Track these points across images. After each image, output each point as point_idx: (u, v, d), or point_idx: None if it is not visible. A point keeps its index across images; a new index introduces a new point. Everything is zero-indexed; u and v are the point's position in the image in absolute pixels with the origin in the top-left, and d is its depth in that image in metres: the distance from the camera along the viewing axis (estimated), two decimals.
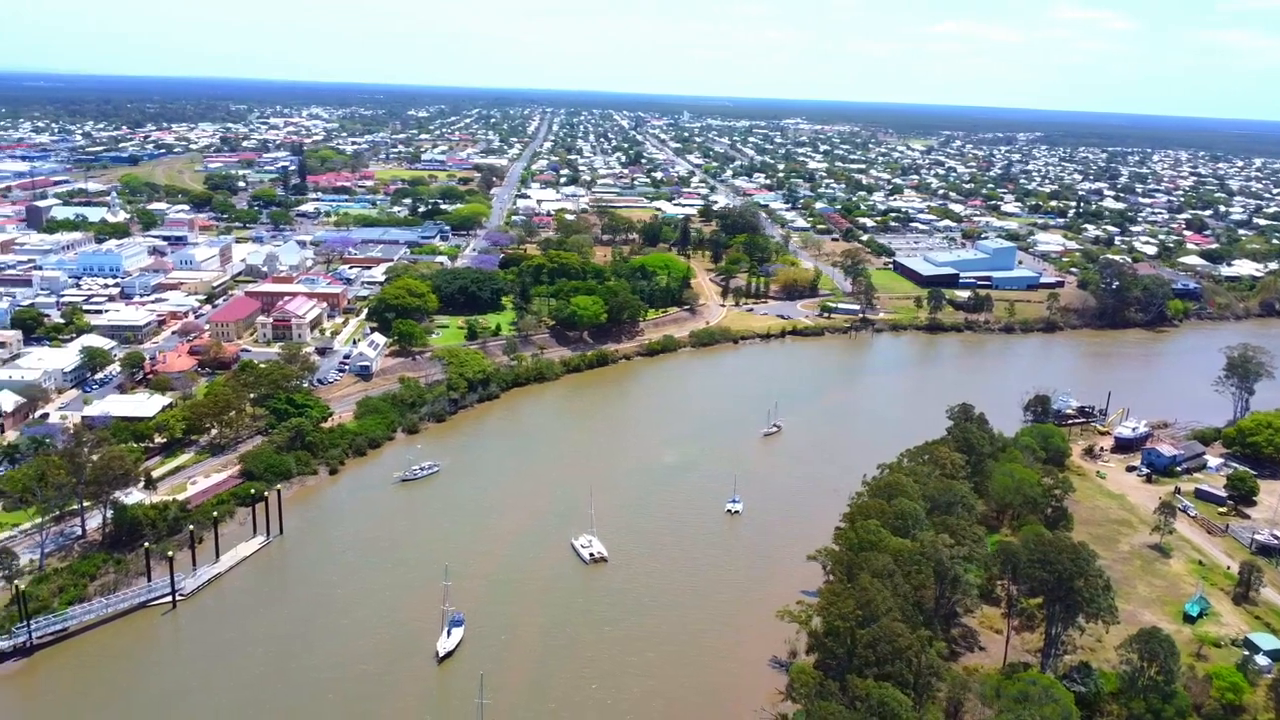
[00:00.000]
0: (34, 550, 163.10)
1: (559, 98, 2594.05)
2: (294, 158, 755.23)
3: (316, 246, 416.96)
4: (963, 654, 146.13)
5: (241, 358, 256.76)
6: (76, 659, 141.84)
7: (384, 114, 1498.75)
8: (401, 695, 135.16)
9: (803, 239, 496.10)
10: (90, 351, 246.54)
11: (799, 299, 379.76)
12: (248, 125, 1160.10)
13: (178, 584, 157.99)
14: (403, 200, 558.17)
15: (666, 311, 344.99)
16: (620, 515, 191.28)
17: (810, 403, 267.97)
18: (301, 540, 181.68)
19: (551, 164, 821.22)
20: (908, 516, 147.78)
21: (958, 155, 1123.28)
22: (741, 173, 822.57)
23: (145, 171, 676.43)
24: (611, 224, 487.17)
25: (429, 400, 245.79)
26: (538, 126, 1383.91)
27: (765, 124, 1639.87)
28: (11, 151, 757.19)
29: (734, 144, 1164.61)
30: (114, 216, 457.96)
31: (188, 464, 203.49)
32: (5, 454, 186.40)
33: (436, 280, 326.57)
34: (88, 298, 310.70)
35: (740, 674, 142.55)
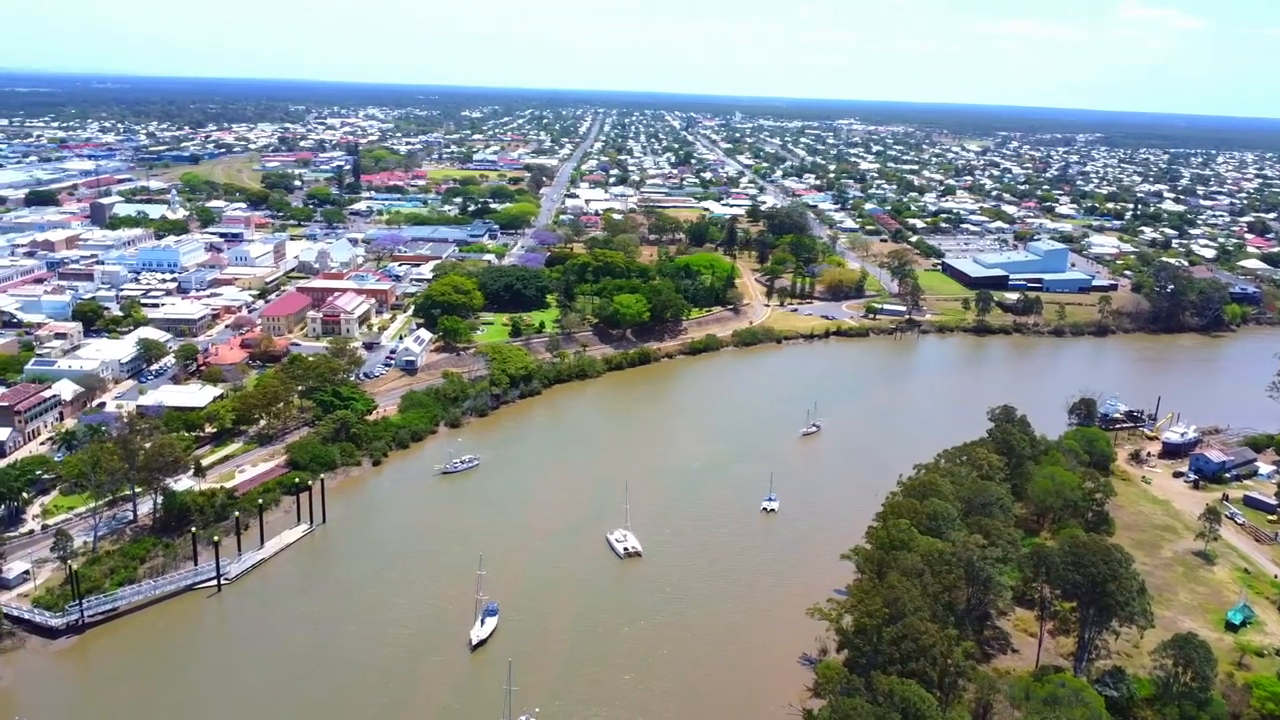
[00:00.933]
0: (88, 533, 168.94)
1: (611, 98, 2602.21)
2: (349, 157, 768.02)
3: (368, 244, 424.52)
4: (995, 656, 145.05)
5: (291, 351, 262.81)
6: (125, 637, 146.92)
7: (438, 115, 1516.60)
8: (434, 681, 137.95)
9: (850, 240, 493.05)
10: (146, 343, 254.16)
11: (844, 300, 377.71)
12: (305, 126, 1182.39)
13: (223, 568, 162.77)
14: (453, 199, 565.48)
15: (710, 311, 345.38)
16: (656, 511, 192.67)
17: (851, 403, 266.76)
18: (343, 529, 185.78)
19: (601, 164, 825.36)
20: (940, 516, 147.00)
21: (1014, 156, 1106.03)
22: (791, 173, 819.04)
23: (205, 170, 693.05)
24: (658, 224, 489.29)
25: (471, 395, 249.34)
26: (589, 127, 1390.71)
27: (818, 125, 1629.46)
28: (79, 151, 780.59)
29: (785, 144, 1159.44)
30: (174, 214, 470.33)
31: (236, 453, 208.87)
32: (63, 440, 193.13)
33: (483, 278, 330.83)
34: (146, 292, 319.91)
35: (769, 669, 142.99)
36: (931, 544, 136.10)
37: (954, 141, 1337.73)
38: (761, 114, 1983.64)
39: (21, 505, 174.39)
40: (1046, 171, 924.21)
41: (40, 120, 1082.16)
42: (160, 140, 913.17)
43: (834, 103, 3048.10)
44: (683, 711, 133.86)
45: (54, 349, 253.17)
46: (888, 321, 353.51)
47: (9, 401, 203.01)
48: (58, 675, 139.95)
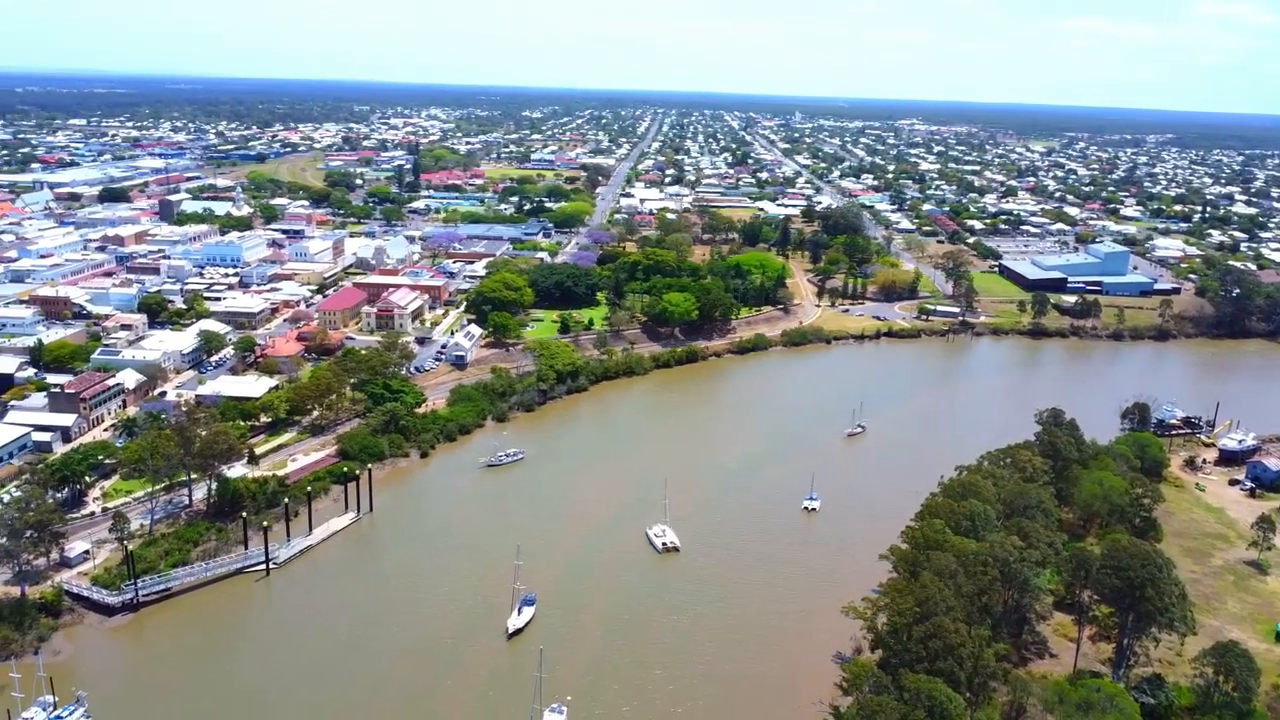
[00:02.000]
0: (145, 516, 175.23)
1: (671, 99, 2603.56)
2: (409, 157, 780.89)
3: (424, 241, 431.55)
4: (1032, 660, 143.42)
5: (345, 345, 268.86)
6: (177, 616, 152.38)
7: (499, 115, 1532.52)
8: (470, 667, 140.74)
9: (906, 241, 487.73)
10: (207, 335, 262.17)
11: (897, 300, 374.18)
12: (369, 126, 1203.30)
13: (272, 553, 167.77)
14: (510, 198, 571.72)
15: (760, 310, 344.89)
16: (696, 508, 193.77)
17: (899, 405, 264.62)
18: (389, 518, 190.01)
19: (658, 164, 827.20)
20: (977, 517, 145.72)
21: (1080, 157, 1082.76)
22: (849, 173, 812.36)
23: (270, 169, 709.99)
24: (712, 223, 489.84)
25: (519, 390, 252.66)
26: (647, 127, 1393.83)
27: (879, 125, 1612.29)
28: (151, 149, 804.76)
29: (844, 145, 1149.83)
30: (238, 210, 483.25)
31: (289, 442, 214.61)
32: (124, 427, 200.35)
33: (533, 275, 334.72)
34: (209, 286, 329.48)
35: (803, 666, 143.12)
36: (966, 544, 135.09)
37: (1018, 142, 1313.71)
38: (822, 114, 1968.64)
39: (84, 488, 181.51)
40: (1113, 173, 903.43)
41: (116, 120, 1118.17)
42: (229, 139, 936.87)
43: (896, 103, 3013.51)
44: (713, 705, 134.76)
45: (120, 340, 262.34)
46: (940, 323, 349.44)
47: (75, 389, 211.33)
48: (113, 650, 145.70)
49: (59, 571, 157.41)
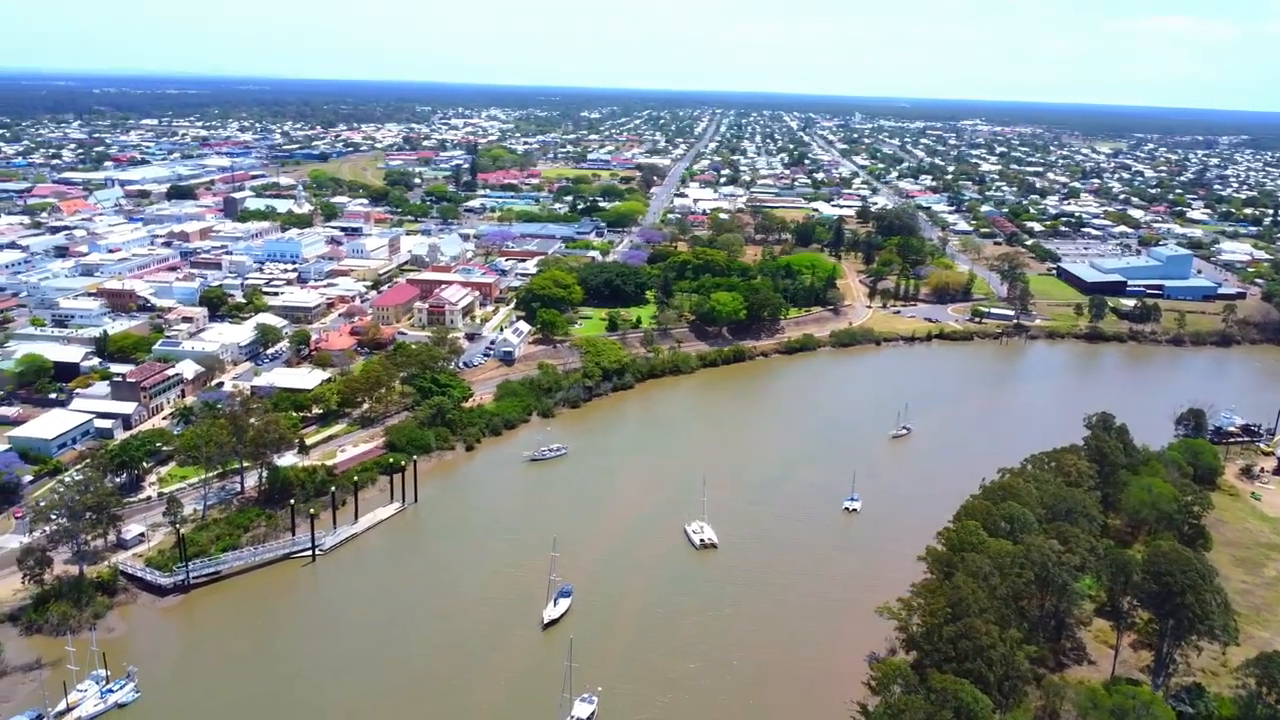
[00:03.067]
0: (199, 502, 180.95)
1: (730, 99, 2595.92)
2: (467, 156, 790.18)
3: (478, 239, 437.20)
4: (1070, 665, 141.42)
5: (397, 339, 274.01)
6: (225, 598, 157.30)
7: (558, 115, 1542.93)
8: (505, 656, 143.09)
9: (963, 242, 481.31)
10: (263, 329, 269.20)
11: (950, 303, 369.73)
12: (430, 126, 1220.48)
13: (318, 540, 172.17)
14: (564, 198, 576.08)
15: (809, 311, 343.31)
16: (736, 505, 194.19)
17: (947, 407, 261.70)
18: (433, 509, 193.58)
19: (713, 164, 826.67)
20: (1015, 520, 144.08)
21: (1147, 159, 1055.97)
22: (907, 174, 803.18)
23: (332, 168, 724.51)
24: (765, 223, 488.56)
25: (565, 386, 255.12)
26: (705, 128, 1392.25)
27: (940, 125, 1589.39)
28: (219, 148, 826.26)
29: (904, 145, 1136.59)
30: (299, 208, 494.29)
31: (339, 434, 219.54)
32: (182, 415, 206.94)
33: (583, 273, 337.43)
34: (268, 281, 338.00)
35: (836, 665, 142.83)
36: (1002, 546, 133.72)
37: (1084, 143, 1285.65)
38: (882, 115, 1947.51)
39: (142, 474, 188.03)
40: (1181, 175, 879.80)
41: (186, 120, 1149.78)
42: (293, 139, 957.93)
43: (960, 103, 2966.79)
44: (744, 700, 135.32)
45: (181, 332, 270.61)
46: (994, 326, 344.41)
47: (136, 378, 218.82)
48: (164, 629, 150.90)
49: (115, 552, 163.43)
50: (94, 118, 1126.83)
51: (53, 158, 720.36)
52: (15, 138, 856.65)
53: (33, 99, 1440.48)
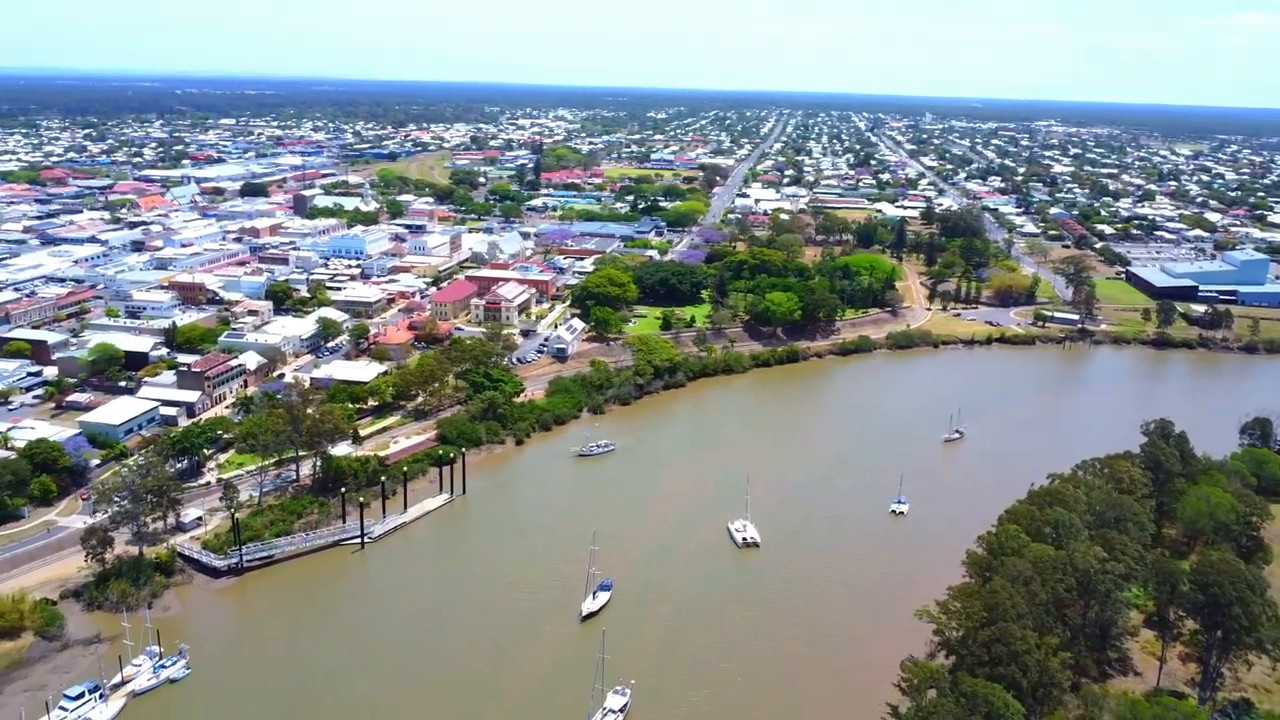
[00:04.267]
0: (255, 488, 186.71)
1: (797, 99, 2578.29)
2: (532, 156, 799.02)
3: (538, 237, 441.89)
4: (1114, 676, 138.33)
5: (454, 335, 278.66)
6: (276, 581, 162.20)
7: (625, 115, 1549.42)
8: (542, 646, 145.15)
9: (1029, 245, 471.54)
10: (324, 322, 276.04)
11: (1013, 306, 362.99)
12: (497, 126, 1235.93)
13: (367, 528, 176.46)
14: (625, 197, 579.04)
15: (866, 312, 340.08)
16: (780, 505, 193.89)
17: (1003, 412, 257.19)
18: (481, 501, 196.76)
19: (777, 164, 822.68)
20: (1060, 525, 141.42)
21: (1229, 161, 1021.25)
22: (975, 175, 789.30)
23: (400, 167, 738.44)
24: (826, 224, 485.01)
25: (615, 384, 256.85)
26: (771, 128, 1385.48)
27: (1014, 126, 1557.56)
28: (292, 148, 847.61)
29: (974, 146, 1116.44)
30: (366, 206, 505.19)
31: (393, 426, 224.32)
32: (242, 404, 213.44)
33: (639, 272, 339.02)
34: (332, 276, 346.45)
35: (872, 667, 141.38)
36: (1043, 551, 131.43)
37: (1163, 144, 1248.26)
38: (954, 115, 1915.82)
39: (202, 460, 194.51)
40: (1265, 177, 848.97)
41: (262, 120, 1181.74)
42: (364, 139, 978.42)
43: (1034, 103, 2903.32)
44: (777, 698, 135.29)
45: (246, 324, 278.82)
46: (1057, 330, 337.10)
47: (200, 368, 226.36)
48: (217, 610, 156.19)
49: (174, 535, 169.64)
50: (175, 118, 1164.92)
51: (135, 156, 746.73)
52: (101, 136, 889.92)
53: (119, 100, 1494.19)
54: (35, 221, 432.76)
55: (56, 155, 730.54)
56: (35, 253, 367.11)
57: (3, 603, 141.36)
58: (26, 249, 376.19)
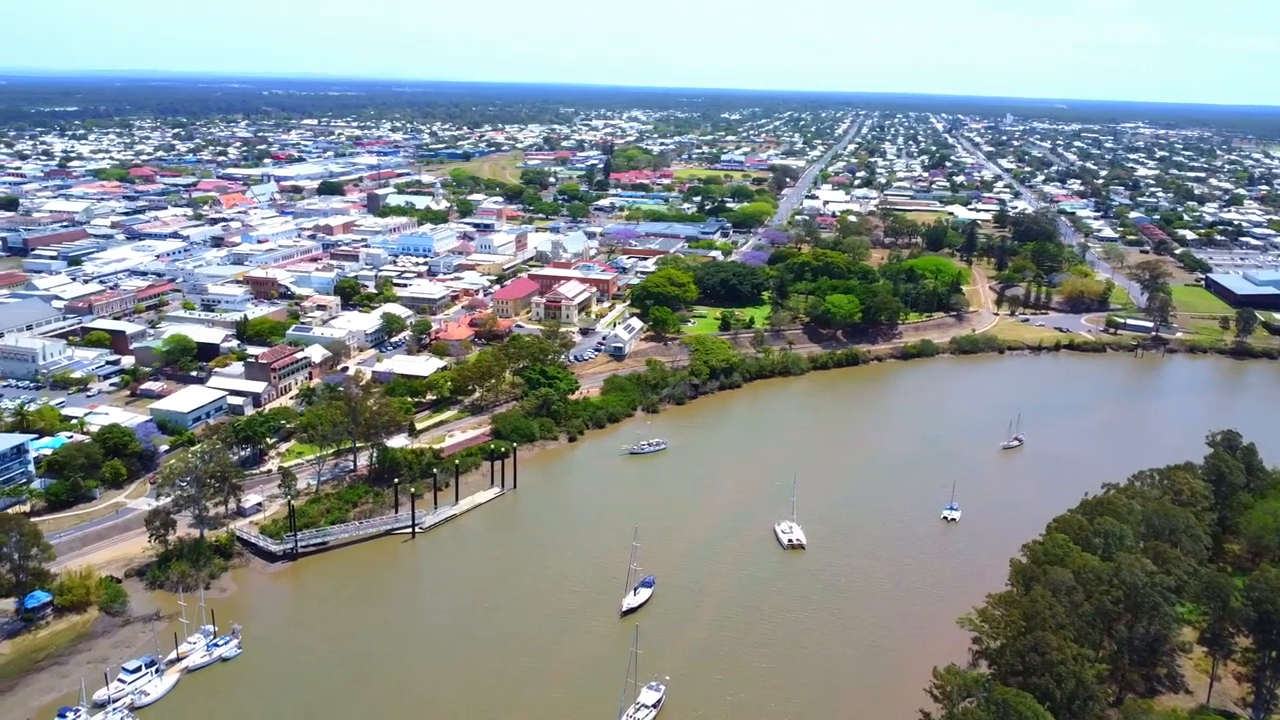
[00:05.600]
0: (314, 477, 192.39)
1: (874, 100, 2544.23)
2: (603, 156, 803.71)
3: (603, 237, 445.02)
4: (1163, 692, 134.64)
5: (513, 332, 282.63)
6: (329, 567, 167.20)
7: (698, 117, 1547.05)
8: (581, 639, 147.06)
9: (1106, 250, 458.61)
10: (388, 318, 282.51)
11: (1084, 312, 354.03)
12: (571, 126, 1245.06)
13: (419, 519, 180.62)
14: (693, 198, 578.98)
15: (931, 316, 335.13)
16: (829, 507, 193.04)
17: (1067, 420, 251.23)
18: (531, 495, 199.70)
19: (849, 166, 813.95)
20: (1110, 536, 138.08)
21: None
22: (1054, 178, 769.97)
23: (473, 166, 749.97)
24: (894, 226, 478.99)
25: (671, 383, 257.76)
26: (846, 129, 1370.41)
27: (1098, 128, 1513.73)
28: (369, 147, 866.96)
29: (1055, 149, 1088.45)
30: (436, 205, 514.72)
31: (450, 419, 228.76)
32: (305, 396, 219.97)
33: (700, 272, 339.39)
34: (400, 273, 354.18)
35: (911, 674, 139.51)
36: (1088, 562, 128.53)
37: (1256, 147, 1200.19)
38: (1036, 116, 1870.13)
39: (265, 449, 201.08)
40: None
41: (343, 120, 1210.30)
42: (440, 139, 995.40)
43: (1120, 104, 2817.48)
44: (813, 701, 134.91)
45: (314, 319, 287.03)
46: (1129, 337, 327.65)
47: (267, 360, 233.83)
48: (271, 592, 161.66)
49: (235, 519, 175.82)
50: (260, 118, 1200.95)
51: (220, 155, 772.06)
52: (189, 136, 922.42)
53: (208, 100, 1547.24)
54: (122, 217, 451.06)
55: (146, 154, 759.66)
56: (121, 247, 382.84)
57: (71, 579, 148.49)
58: (113, 243, 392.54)
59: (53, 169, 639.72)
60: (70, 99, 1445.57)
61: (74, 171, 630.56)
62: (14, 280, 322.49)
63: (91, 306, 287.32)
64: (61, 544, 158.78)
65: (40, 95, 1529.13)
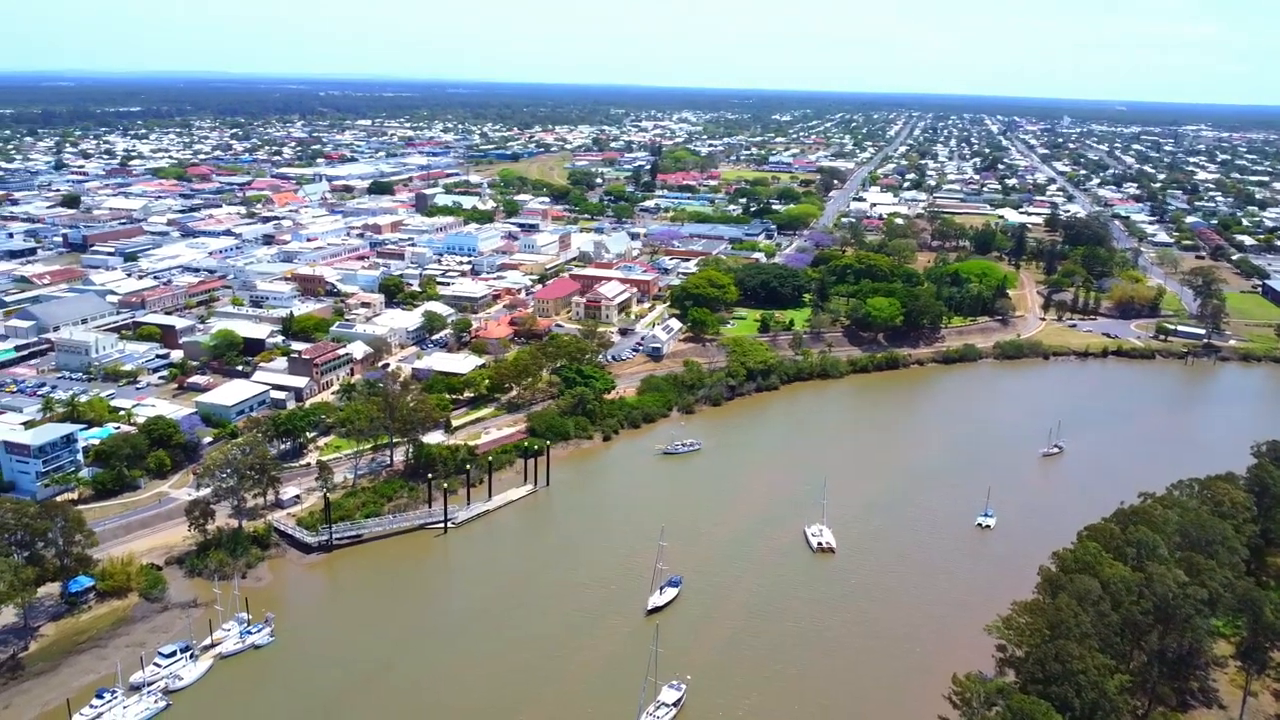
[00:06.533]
0: (351, 471, 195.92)
1: (929, 102, 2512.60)
2: (650, 158, 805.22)
3: (646, 238, 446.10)
4: (1196, 708, 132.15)
5: (552, 331, 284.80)
6: (363, 560, 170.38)
7: (748, 118, 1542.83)
8: (605, 636, 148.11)
9: (1159, 255, 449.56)
10: (430, 315, 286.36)
11: (1134, 318, 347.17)
12: (620, 128, 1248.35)
13: (451, 514, 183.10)
14: (739, 199, 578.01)
15: (975, 320, 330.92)
16: (862, 512, 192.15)
17: (1110, 428, 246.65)
18: (563, 493, 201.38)
19: (899, 168, 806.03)
20: (1142, 546, 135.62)
21: None
22: (1109, 182, 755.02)
23: (522, 167, 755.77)
24: (942, 229, 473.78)
25: (707, 384, 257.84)
26: (898, 131, 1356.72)
27: (1158, 131, 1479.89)
28: (421, 148, 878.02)
29: (1111, 151, 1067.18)
30: (483, 205, 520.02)
31: (486, 417, 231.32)
32: (345, 391, 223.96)
33: (740, 274, 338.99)
34: (444, 272, 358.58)
35: (935, 681, 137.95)
36: (1117, 571, 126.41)
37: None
38: (1094, 119, 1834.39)
39: (305, 442, 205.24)
40: None
41: (396, 121, 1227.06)
42: (490, 140, 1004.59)
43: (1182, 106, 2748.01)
44: (835, 705, 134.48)
45: (358, 316, 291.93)
46: (1180, 344, 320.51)
47: (309, 355, 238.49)
48: (305, 583, 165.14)
49: (273, 511, 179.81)
50: (316, 118, 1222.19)
51: (275, 154, 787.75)
52: (246, 136, 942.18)
53: (266, 101, 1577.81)
54: (178, 215, 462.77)
55: (204, 153, 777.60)
56: (175, 244, 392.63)
57: (113, 565, 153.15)
58: (168, 240, 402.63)
59: (114, 168, 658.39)
60: (134, 99, 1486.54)
61: (134, 170, 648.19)
62: (72, 275, 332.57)
63: (144, 301, 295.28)
64: (106, 531, 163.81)
65: (106, 96, 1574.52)
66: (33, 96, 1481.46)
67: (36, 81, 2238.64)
